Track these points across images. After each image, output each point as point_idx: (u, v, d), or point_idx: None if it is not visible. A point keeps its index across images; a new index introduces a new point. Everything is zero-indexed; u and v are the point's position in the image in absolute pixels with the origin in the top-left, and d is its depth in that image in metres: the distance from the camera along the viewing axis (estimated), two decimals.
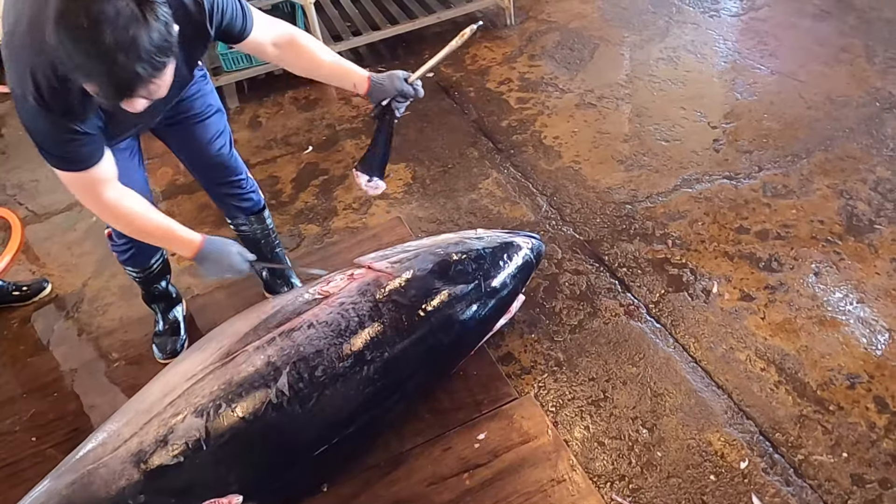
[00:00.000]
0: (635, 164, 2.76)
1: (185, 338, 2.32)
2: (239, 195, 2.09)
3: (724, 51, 3.37)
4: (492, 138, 3.08)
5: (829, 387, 1.86)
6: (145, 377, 1.90)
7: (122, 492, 1.57)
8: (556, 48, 3.66)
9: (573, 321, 2.16)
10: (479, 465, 1.81)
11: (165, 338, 2.29)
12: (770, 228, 2.36)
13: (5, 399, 2.29)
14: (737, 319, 2.08)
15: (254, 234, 2.20)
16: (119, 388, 2.23)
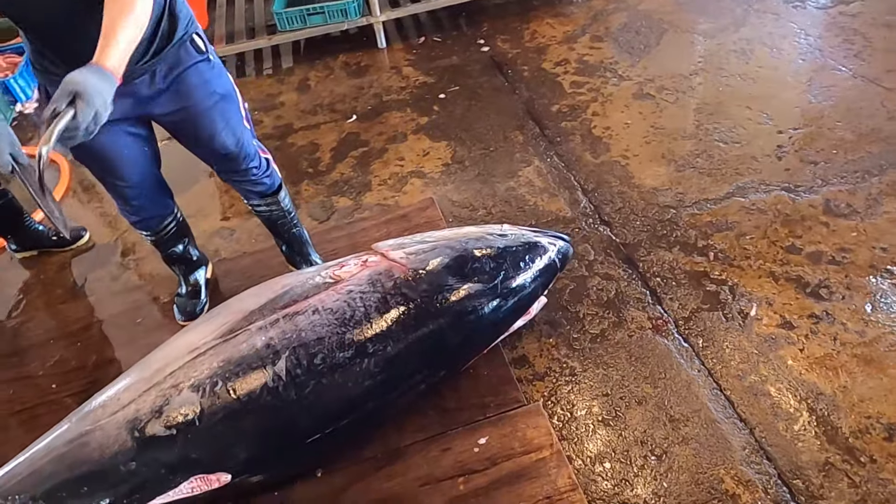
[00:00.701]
0: (687, 165, 2.58)
1: (206, 301, 2.33)
2: (252, 181, 2.03)
3: (804, 47, 3.10)
4: (539, 123, 2.94)
5: (863, 435, 1.70)
6: (164, 338, 1.91)
7: (114, 457, 1.58)
8: (622, 30, 3.46)
9: (595, 329, 2.06)
10: (475, 470, 1.75)
11: (185, 300, 2.30)
12: (825, 251, 2.17)
13: (35, 343, 2.37)
14: (772, 348, 1.93)
15: (270, 215, 2.16)
16: (138, 345, 2.25)
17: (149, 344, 2.14)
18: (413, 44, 3.71)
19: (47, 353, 2.31)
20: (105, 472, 1.59)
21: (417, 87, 3.33)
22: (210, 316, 1.84)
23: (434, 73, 3.42)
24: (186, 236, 2.24)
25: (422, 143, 2.93)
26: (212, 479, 1.61)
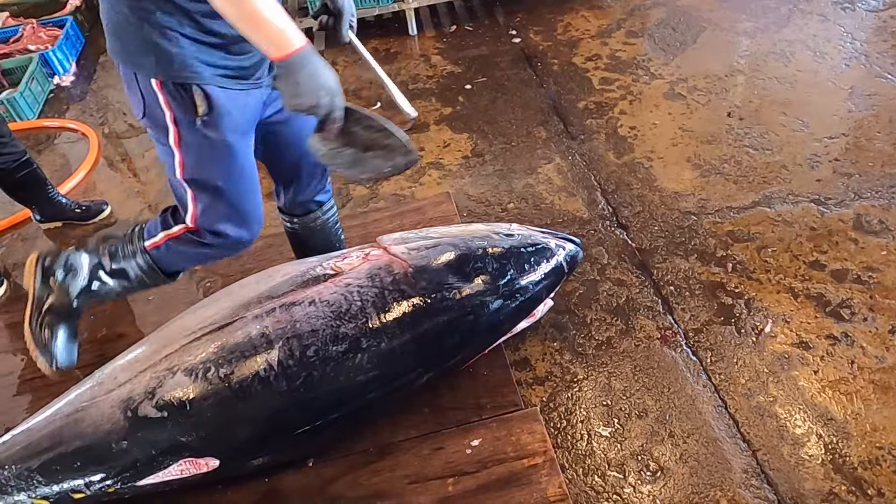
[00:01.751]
0: (713, 171, 2.49)
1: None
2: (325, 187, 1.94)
3: (849, 51, 2.96)
4: (564, 119, 2.87)
5: (873, 466, 1.62)
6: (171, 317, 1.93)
7: (106, 435, 1.60)
8: (658, 26, 3.35)
9: (602, 336, 2.00)
10: (465, 472, 1.72)
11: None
12: (850, 269, 2.07)
13: None
14: (784, 368, 1.85)
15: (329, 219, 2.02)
16: (147, 322, 2.29)
17: (157, 322, 2.16)
18: (444, 32, 3.67)
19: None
20: (97, 449, 1.61)
21: (444, 76, 3.28)
22: (210, 301, 1.84)
23: (462, 62, 3.37)
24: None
25: (443, 133, 2.89)
26: (201, 463, 1.62)
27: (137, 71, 1.40)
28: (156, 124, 1.47)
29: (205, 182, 1.55)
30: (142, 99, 1.44)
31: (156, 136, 1.52)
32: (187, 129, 1.45)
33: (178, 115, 1.44)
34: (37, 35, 3.92)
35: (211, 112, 1.43)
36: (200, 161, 1.51)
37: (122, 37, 1.38)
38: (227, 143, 1.51)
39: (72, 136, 3.34)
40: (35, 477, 1.61)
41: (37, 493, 1.62)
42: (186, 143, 1.48)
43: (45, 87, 3.69)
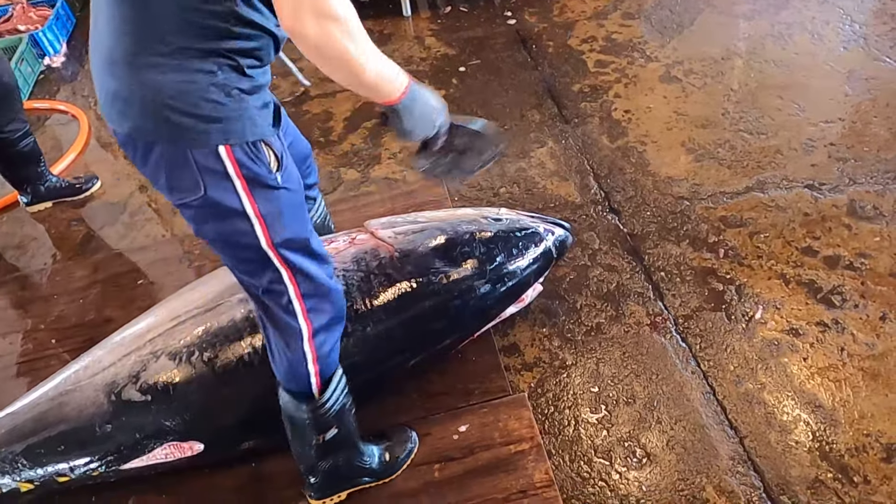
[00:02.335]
0: (706, 155, 2.46)
1: None
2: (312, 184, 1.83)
3: (848, 34, 2.91)
4: (558, 102, 2.84)
5: (860, 453, 1.62)
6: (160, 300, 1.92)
7: (90, 418, 1.60)
8: (655, 8, 3.30)
9: (591, 322, 1.99)
10: (452, 458, 1.72)
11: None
12: (843, 255, 2.05)
13: (38, 296, 2.40)
14: (774, 354, 1.84)
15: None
16: (136, 306, 2.27)
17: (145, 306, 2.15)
18: (439, 13, 3.61)
19: (49, 309, 2.34)
20: (82, 433, 1.60)
21: (438, 58, 3.24)
22: (197, 284, 1.83)
23: (456, 44, 3.32)
24: None
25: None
26: (185, 446, 1.62)
27: (195, 146, 1.18)
28: (220, 199, 1.23)
29: (295, 239, 1.33)
30: (200, 177, 1.21)
31: (214, 218, 1.27)
32: (264, 190, 1.26)
33: (253, 177, 1.23)
34: (27, 15, 3.86)
35: (281, 163, 1.29)
36: (284, 217, 1.30)
37: (170, 110, 1.15)
38: (301, 188, 1.36)
39: (62, 118, 3.30)
40: (19, 461, 1.61)
41: (21, 476, 1.62)
42: (266, 205, 1.27)
43: (36, 68, 3.65)
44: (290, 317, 1.37)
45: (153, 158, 1.22)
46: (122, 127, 1.19)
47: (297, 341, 1.40)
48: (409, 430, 1.74)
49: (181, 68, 1.13)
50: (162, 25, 1.11)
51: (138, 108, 1.15)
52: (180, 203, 1.27)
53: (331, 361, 1.48)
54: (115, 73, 1.15)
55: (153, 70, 1.12)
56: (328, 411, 1.48)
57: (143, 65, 1.12)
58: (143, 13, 1.11)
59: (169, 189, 1.27)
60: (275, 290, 1.35)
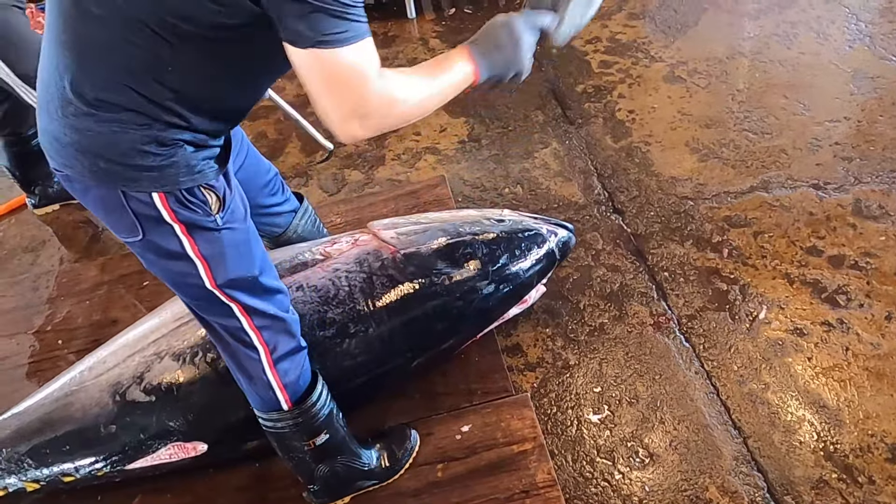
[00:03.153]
0: (711, 155, 2.45)
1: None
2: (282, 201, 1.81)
3: (854, 33, 2.90)
4: (562, 103, 2.84)
5: (864, 454, 1.61)
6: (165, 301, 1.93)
7: (95, 418, 1.61)
8: (660, 8, 3.29)
9: (595, 322, 1.99)
10: (455, 458, 1.72)
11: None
12: (848, 254, 2.04)
13: (46, 299, 2.42)
14: (778, 354, 1.83)
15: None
16: (140, 308, 2.29)
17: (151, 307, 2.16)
18: (443, 15, 3.62)
19: (56, 310, 2.36)
20: (87, 433, 1.62)
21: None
22: None
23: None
24: None
25: (440, 118, 2.87)
26: (188, 447, 1.63)
27: (129, 189, 1.16)
28: (160, 242, 1.23)
29: (241, 278, 1.31)
30: (137, 221, 1.19)
31: (158, 258, 1.27)
32: (204, 232, 1.24)
33: (191, 222, 1.21)
34: (36, 20, 3.89)
35: (224, 204, 1.26)
36: (228, 258, 1.28)
37: (101, 157, 1.13)
38: (247, 227, 1.34)
39: None
40: (25, 461, 1.63)
41: (27, 476, 1.63)
42: (208, 247, 1.25)
43: None
44: (247, 348, 1.37)
45: (90, 199, 1.21)
46: (57, 164, 1.18)
47: (260, 372, 1.40)
48: (407, 429, 1.74)
49: (112, 120, 1.10)
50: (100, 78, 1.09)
51: (72, 151, 1.14)
52: (125, 241, 1.26)
53: (300, 383, 1.47)
54: (50, 112, 1.14)
55: (87, 118, 1.10)
56: (313, 418, 1.48)
57: (78, 112, 1.10)
58: (87, 63, 1.09)
59: (111, 228, 1.27)
60: (229, 325, 1.34)
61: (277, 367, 1.40)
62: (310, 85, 1.09)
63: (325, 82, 1.08)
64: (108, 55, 1.08)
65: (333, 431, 1.53)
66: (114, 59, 1.08)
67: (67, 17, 1.08)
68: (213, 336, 1.39)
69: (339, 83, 1.08)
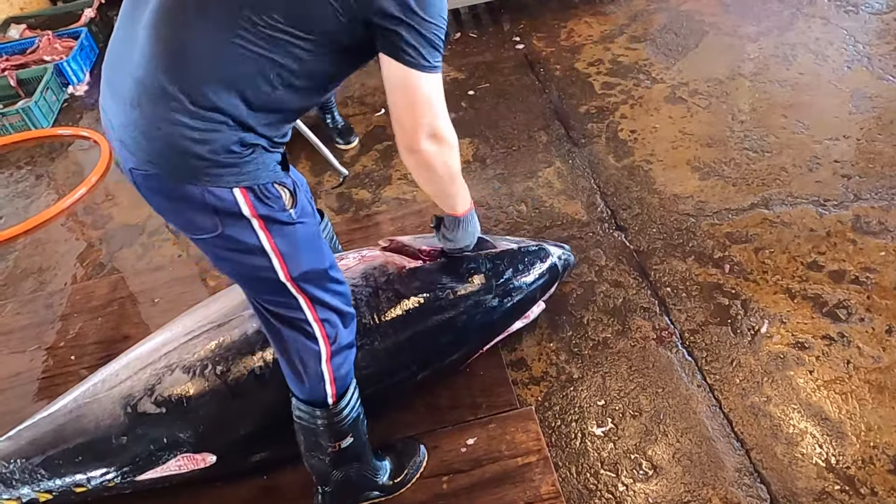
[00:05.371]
0: (712, 173, 2.49)
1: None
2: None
3: (852, 54, 2.95)
4: (565, 123, 2.89)
5: (867, 466, 1.62)
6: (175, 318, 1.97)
7: (107, 430, 1.64)
8: (661, 32, 3.36)
9: (598, 337, 2.01)
10: (460, 471, 1.74)
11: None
12: (848, 270, 2.07)
13: (59, 315, 2.47)
14: (780, 368, 1.85)
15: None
16: (152, 324, 2.33)
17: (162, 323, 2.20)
18: (449, 39, 3.70)
19: (69, 326, 2.41)
20: (99, 444, 1.65)
21: (448, 82, 3.31)
22: (211, 300, 1.88)
23: (466, 69, 3.40)
24: None
25: None
26: (198, 458, 1.65)
27: (213, 185, 1.21)
28: (238, 237, 1.28)
29: (313, 271, 1.37)
30: (216, 216, 1.24)
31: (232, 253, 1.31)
32: (280, 226, 1.30)
33: (268, 215, 1.27)
34: (52, 46, 4.01)
35: (296, 199, 1.33)
36: (302, 252, 1.35)
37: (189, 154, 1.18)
38: (315, 220, 1.41)
39: (85, 144, 3.41)
40: (39, 471, 1.66)
41: (40, 486, 1.66)
42: (283, 241, 1.31)
43: (60, 96, 3.78)
44: (310, 340, 1.41)
45: (167, 197, 1.25)
46: (139, 160, 1.21)
47: (316, 364, 1.43)
48: (417, 443, 1.77)
49: (209, 119, 1.16)
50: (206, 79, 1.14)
51: (160, 146, 1.17)
52: (198, 238, 1.31)
53: (348, 379, 1.52)
54: (141, 104, 1.16)
55: (183, 114, 1.14)
56: (344, 419, 1.51)
57: (175, 107, 1.14)
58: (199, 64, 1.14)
59: (185, 226, 1.30)
60: (294, 318, 1.38)
61: (333, 361, 1.45)
62: (397, 98, 1.26)
63: (411, 101, 1.25)
64: (221, 59, 1.14)
65: (358, 437, 1.57)
66: (228, 64, 1.14)
67: (169, 11, 1.14)
68: (270, 329, 1.42)
69: (423, 105, 1.26)
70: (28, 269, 2.71)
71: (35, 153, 3.40)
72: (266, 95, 1.19)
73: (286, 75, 1.18)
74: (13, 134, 3.51)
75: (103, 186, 3.09)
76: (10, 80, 3.69)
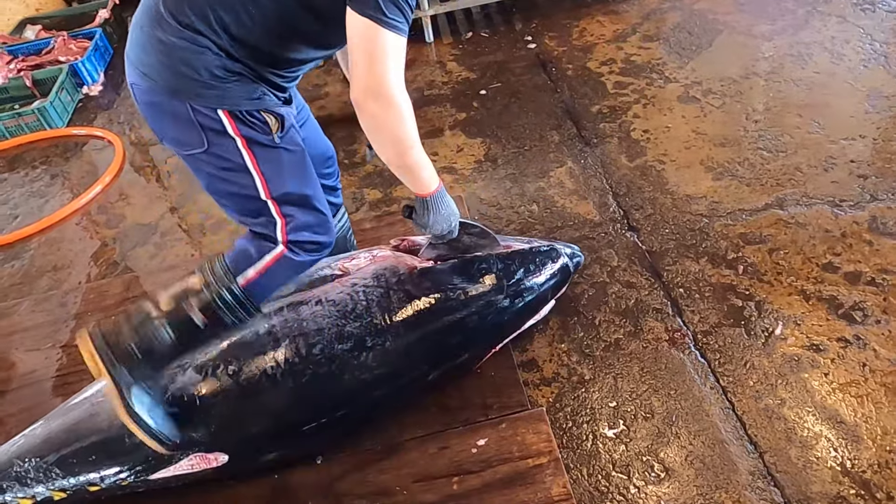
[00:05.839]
0: (726, 173, 2.47)
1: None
2: (336, 187, 1.97)
3: (868, 52, 2.92)
4: (577, 123, 2.88)
5: (883, 470, 1.60)
6: None
7: (120, 429, 1.63)
8: (674, 30, 3.34)
9: (610, 338, 2.00)
10: (470, 471, 1.74)
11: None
12: (864, 271, 2.04)
13: (74, 314, 2.49)
14: (794, 370, 1.83)
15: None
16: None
17: None
18: (461, 39, 3.70)
19: (83, 325, 2.41)
20: (112, 444, 1.66)
21: (459, 82, 3.31)
22: None
23: (477, 68, 3.40)
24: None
25: (457, 138, 2.92)
26: (210, 458, 1.66)
27: (199, 103, 1.34)
28: (223, 154, 1.40)
29: (293, 193, 1.48)
30: (202, 132, 1.36)
31: (218, 171, 1.43)
32: (262, 148, 1.41)
33: (251, 137, 1.39)
34: (67, 47, 4.05)
35: (283, 126, 1.44)
36: (283, 174, 1.45)
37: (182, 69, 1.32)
38: (302, 149, 1.52)
39: (99, 144, 3.44)
40: (53, 470, 1.67)
41: (55, 485, 1.67)
42: (265, 162, 1.42)
43: (75, 96, 3.82)
44: (270, 243, 1.53)
45: (160, 111, 1.39)
46: (137, 74, 1.38)
47: (263, 255, 1.53)
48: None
49: (194, 41, 1.32)
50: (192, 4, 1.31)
51: (154, 61, 1.34)
52: (186, 154, 1.44)
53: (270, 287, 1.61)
54: (143, 25, 1.36)
55: (172, 34, 1.31)
56: (224, 307, 1.50)
57: (166, 28, 1.32)
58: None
59: (175, 141, 1.43)
60: (268, 234, 1.52)
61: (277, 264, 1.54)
62: (354, 48, 1.30)
63: (366, 51, 1.29)
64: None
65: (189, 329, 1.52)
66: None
67: None
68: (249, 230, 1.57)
69: (381, 59, 1.29)
70: (43, 268, 2.74)
71: (50, 153, 3.44)
72: (246, 29, 1.32)
73: (258, 13, 1.31)
74: (29, 134, 3.55)
75: (117, 186, 3.11)
76: (25, 80, 3.73)
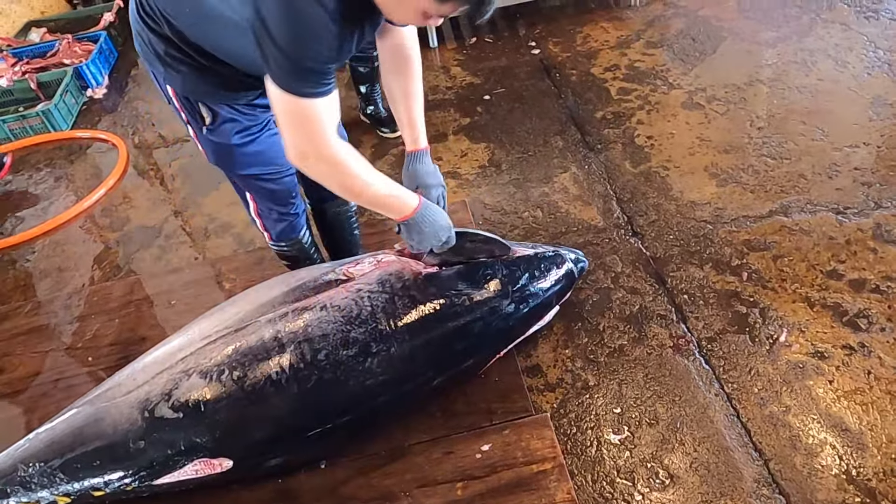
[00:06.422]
0: (730, 180, 2.48)
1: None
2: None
3: (872, 60, 2.92)
4: (581, 129, 2.88)
5: (888, 478, 1.60)
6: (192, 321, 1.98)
7: (125, 434, 1.65)
8: (678, 37, 3.35)
9: (614, 344, 2.00)
10: (475, 477, 1.73)
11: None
12: (869, 278, 2.04)
13: (77, 316, 2.49)
14: (799, 377, 1.83)
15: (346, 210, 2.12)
16: (168, 326, 2.35)
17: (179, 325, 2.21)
18: (465, 44, 3.71)
19: (87, 328, 2.42)
20: (116, 449, 1.65)
21: (464, 87, 3.32)
22: (227, 304, 1.89)
23: (482, 73, 3.40)
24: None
25: (461, 143, 2.93)
26: (215, 463, 1.66)
27: (157, 75, 1.58)
28: (187, 119, 1.66)
29: (228, 170, 1.77)
30: (170, 97, 1.62)
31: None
32: (198, 131, 1.64)
33: (190, 119, 1.62)
34: (72, 49, 4.06)
35: (215, 121, 1.59)
36: (215, 156, 1.71)
37: (149, 46, 1.54)
38: (231, 145, 1.66)
39: (103, 146, 3.44)
40: (57, 475, 1.67)
41: (59, 490, 1.67)
42: (201, 141, 1.68)
43: (79, 99, 3.82)
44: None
45: (148, 69, 1.60)
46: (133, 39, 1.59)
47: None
48: None
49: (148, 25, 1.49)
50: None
51: (135, 30, 1.55)
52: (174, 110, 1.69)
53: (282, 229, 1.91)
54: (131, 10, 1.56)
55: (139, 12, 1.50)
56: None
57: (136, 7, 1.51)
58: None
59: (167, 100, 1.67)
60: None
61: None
62: (277, 115, 1.35)
63: (291, 122, 1.33)
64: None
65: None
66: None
67: None
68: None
69: (303, 126, 1.33)
70: (46, 270, 2.74)
71: (54, 155, 3.44)
72: (187, 28, 1.43)
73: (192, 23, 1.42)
74: (33, 136, 3.56)
75: (121, 189, 3.12)
76: (30, 82, 3.73)
